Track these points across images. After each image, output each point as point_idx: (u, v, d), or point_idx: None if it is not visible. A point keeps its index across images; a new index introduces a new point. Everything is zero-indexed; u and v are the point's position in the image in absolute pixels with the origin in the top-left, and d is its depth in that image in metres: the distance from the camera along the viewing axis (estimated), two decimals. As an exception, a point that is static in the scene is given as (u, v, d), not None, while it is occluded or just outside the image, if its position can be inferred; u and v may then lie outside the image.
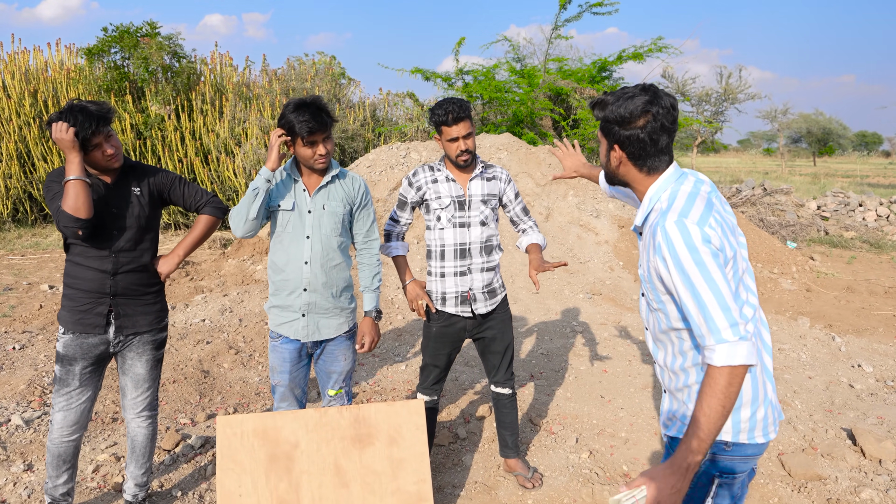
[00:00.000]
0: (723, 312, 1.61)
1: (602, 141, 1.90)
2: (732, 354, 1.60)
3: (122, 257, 2.69)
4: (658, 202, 1.82)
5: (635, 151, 1.81)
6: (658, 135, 1.79)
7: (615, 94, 1.84)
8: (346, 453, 2.82)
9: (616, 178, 1.93)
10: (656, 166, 1.84)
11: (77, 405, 2.73)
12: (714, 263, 1.64)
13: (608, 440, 3.84)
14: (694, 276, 1.64)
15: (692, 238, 1.65)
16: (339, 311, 2.87)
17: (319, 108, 2.68)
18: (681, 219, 1.68)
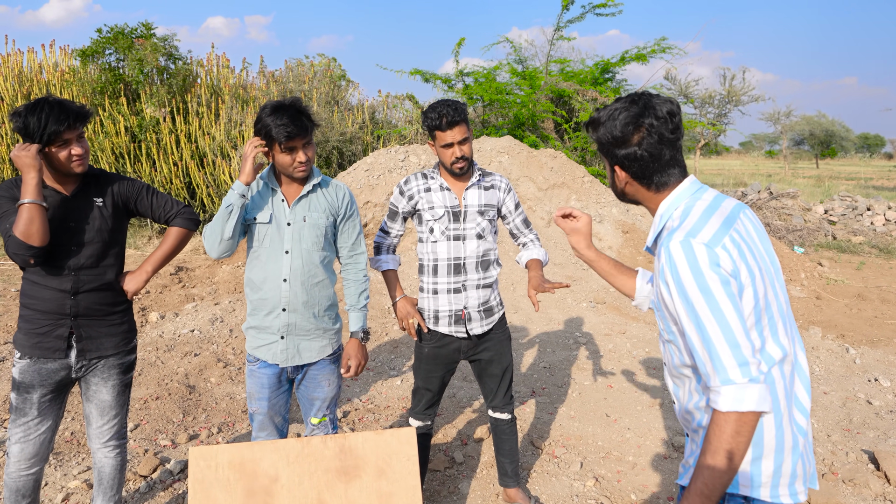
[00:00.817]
0: (730, 349, 1.40)
1: (606, 164, 1.70)
2: (740, 399, 1.39)
3: (82, 275, 2.46)
4: (670, 220, 1.60)
5: (637, 170, 1.62)
6: (657, 149, 1.59)
7: (607, 111, 1.64)
8: (331, 487, 2.58)
9: (626, 198, 1.73)
10: (664, 181, 1.63)
11: (35, 436, 2.50)
12: (723, 291, 1.41)
13: (615, 464, 3.60)
14: (699, 304, 1.42)
15: (697, 260, 1.43)
16: (322, 333, 2.62)
17: (299, 110, 2.45)
18: (687, 238, 1.47)
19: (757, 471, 1.54)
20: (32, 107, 2.31)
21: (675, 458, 3.68)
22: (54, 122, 2.29)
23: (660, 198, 1.64)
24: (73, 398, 4.38)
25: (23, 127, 2.30)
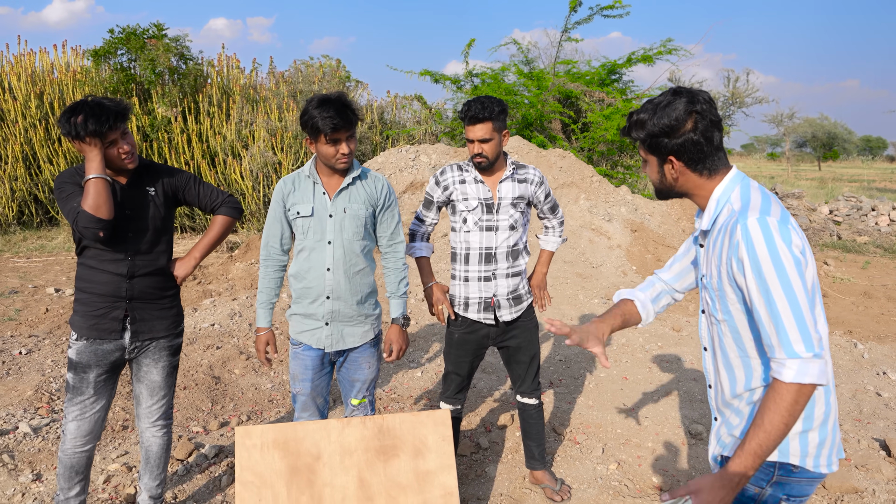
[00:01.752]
0: (797, 324, 1.50)
1: (650, 159, 1.78)
2: (803, 372, 1.50)
3: (138, 260, 2.58)
4: (728, 203, 1.70)
5: (693, 156, 1.69)
6: (710, 131, 1.69)
7: (647, 109, 1.73)
8: (371, 465, 2.70)
9: (673, 192, 1.80)
10: (716, 166, 1.72)
11: (91, 414, 2.62)
12: (794, 269, 1.52)
13: (634, 450, 3.71)
14: (771, 280, 1.52)
15: (774, 239, 1.53)
16: (364, 319, 2.75)
17: (344, 104, 2.57)
18: (763, 216, 1.57)
19: (805, 441, 1.65)
20: (73, 109, 2.42)
21: (692, 444, 3.80)
22: (95, 123, 2.38)
23: (712, 184, 1.73)
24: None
25: (67, 131, 2.41)
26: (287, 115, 12.26)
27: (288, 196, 2.66)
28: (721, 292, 1.69)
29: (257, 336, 2.74)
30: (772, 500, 1.67)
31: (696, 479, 1.58)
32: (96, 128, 2.38)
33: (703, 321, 1.87)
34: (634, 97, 13.19)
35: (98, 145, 2.41)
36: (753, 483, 1.68)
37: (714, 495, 1.53)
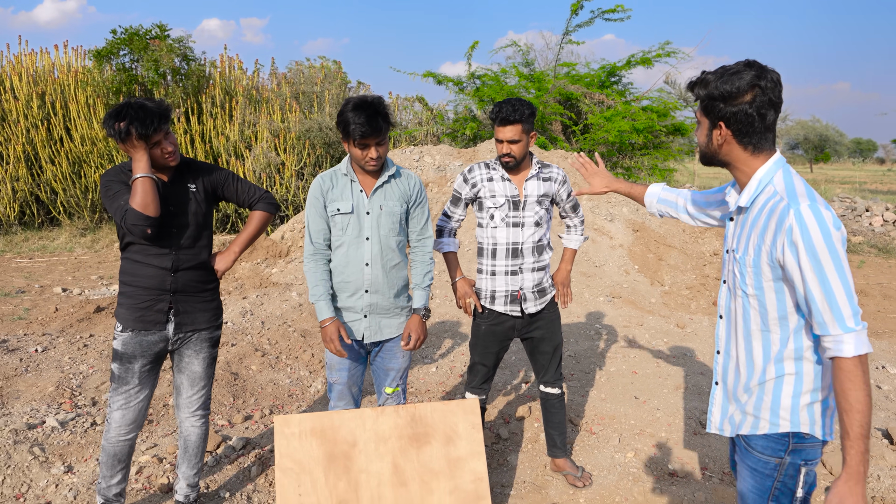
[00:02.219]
0: (848, 301, 1.64)
1: (702, 121, 1.86)
2: (860, 342, 1.64)
3: (182, 254, 2.68)
4: (770, 184, 1.78)
5: (742, 128, 1.77)
6: (766, 109, 1.76)
7: (717, 72, 1.80)
8: (404, 452, 2.81)
9: (716, 159, 1.88)
10: (762, 145, 1.80)
11: (136, 403, 2.72)
12: (842, 251, 1.65)
13: (649, 440, 3.83)
14: (826, 262, 1.64)
15: (827, 224, 1.65)
16: (400, 311, 2.86)
17: (377, 111, 2.62)
18: (814, 203, 1.68)
19: (812, 411, 1.79)
20: (117, 113, 2.51)
21: (704, 434, 3.92)
22: (140, 127, 2.48)
23: (755, 161, 1.81)
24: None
25: (113, 134, 2.51)
26: (290, 115, 12.35)
27: (327, 192, 2.76)
28: (756, 269, 1.80)
29: (324, 328, 2.74)
30: (791, 468, 1.82)
31: (833, 490, 1.66)
32: (142, 132, 2.48)
33: (725, 291, 1.98)
34: (633, 99, 13.35)
35: (144, 147, 2.51)
36: (772, 455, 1.83)
37: (854, 495, 1.63)
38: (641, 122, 11.87)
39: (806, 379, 1.79)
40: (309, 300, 2.82)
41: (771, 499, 1.84)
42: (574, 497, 3.23)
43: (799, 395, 1.79)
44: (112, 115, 2.52)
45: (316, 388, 4.75)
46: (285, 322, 6.24)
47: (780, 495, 1.83)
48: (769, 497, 1.84)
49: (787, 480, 1.83)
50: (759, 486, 1.86)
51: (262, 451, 3.70)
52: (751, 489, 1.88)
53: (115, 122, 2.49)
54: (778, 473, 1.83)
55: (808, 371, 1.79)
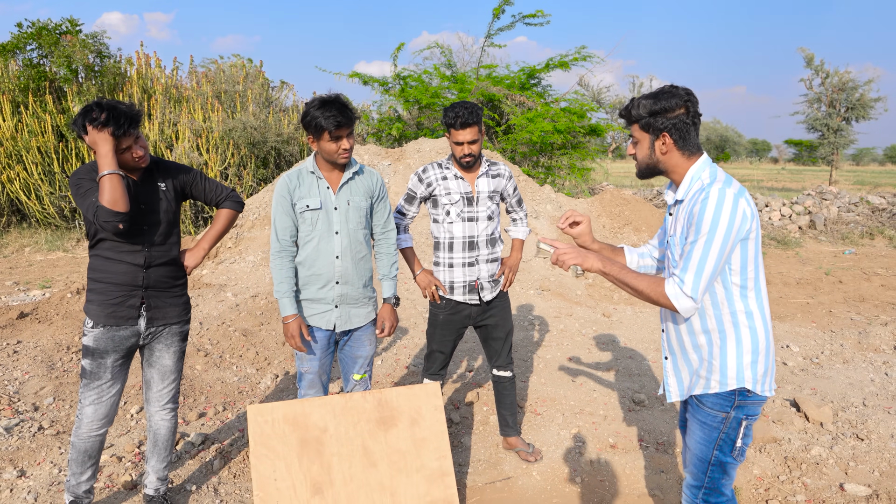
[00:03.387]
0: (696, 272, 1.99)
1: (642, 138, 2.17)
2: (677, 298, 2.01)
3: (154, 251, 2.74)
4: (699, 179, 2.11)
5: (681, 135, 2.09)
6: (696, 118, 2.12)
7: (648, 96, 2.14)
8: (373, 435, 2.97)
9: (657, 168, 2.19)
10: (694, 149, 2.14)
11: (108, 398, 2.76)
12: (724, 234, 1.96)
13: (589, 418, 4.15)
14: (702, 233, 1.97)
15: (724, 203, 1.96)
16: (367, 301, 3.02)
17: (344, 104, 2.81)
18: (724, 186, 2.00)
19: (755, 370, 2.12)
20: (88, 111, 2.54)
21: (637, 410, 4.28)
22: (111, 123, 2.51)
23: (689, 164, 2.13)
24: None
25: (80, 126, 2.54)
26: (212, 115, 12.13)
27: (294, 191, 2.88)
28: (681, 248, 2.11)
29: (287, 324, 2.86)
30: (735, 421, 2.15)
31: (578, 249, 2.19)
32: (113, 128, 2.52)
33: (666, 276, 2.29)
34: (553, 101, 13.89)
35: (110, 142, 2.54)
36: (720, 409, 2.14)
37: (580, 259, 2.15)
38: (562, 123, 12.40)
39: (744, 341, 2.11)
40: (274, 295, 2.93)
41: (715, 448, 2.16)
42: (527, 471, 3.50)
43: (741, 356, 2.11)
44: (83, 113, 2.54)
45: (265, 385, 4.81)
46: (224, 322, 6.22)
47: (724, 445, 2.16)
48: (714, 447, 2.16)
49: (730, 432, 2.15)
50: (706, 438, 2.18)
51: (222, 445, 3.76)
52: (699, 441, 2.19)
53: (84, 119, 2.52)
54: (723, 426, 2.14)
55: (745, 334, 2.11)
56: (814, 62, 26.05)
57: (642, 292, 2.07)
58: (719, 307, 2.11)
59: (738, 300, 2.09)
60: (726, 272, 2.07)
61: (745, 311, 2.10)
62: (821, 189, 14.78)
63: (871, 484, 3.43)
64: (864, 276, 9.57)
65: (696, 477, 2.24)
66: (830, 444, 3.86)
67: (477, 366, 5.17)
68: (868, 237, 12.90)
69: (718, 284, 2.09)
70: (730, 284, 2.08)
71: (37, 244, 10.83)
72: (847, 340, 6.12)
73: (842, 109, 26.60)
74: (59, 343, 5.34)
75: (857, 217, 13.58)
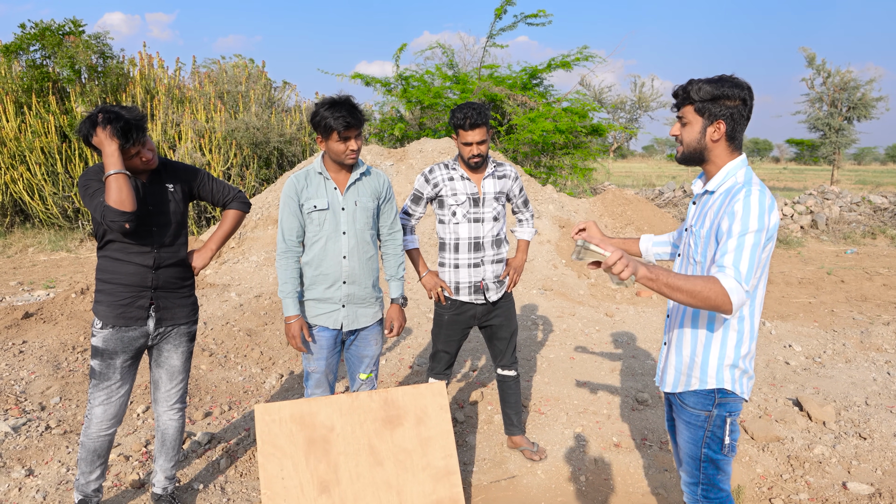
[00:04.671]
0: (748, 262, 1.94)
1: (695, 120, 2.12)
2: (735, 291, 1.92)
3: (163, 252, 2.77)
4: (734, 176, 2.11)
5: (735, 126, 2.08)
6: (750, 115, 2.11)
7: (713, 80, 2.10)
8: (379, 434, 3.00)
9: (703, 155, 2.15)
10: (739, 144, 2.14)
11: (117, 398, 2.78)
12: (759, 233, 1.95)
13: (592, 417, 4.17)
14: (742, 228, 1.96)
15: (763, 206, 1.97)
16: (374, 301, 3.05)
17: (353, 105, 2.84)
18: (763, 191, 2.02)
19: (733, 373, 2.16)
20: (92, 121, 2.55)
21: (641, 409, 4.30)
22: (120, 137, 2.53)
23: (730, 158, 2.12)
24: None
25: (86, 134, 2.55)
26: (215, 115, 12.15)
27: (302, 191, 2.91)
28: (707, 240, 2.12)
29: (289, 325, 2.90)
30: (719, 419, 2.19)
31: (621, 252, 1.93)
32: (121, 135, 2.53)
33: (679, 261, 2.33)
34: (555, 101, 13.91)
35: (116, 142, 2.55)
36: (702, 408, 2.19)
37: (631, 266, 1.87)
38: (564, 123, 12.41)
39: (729, 343, 2.14)
40: (278, 295, 2.96)
41: (704, 446, 2.20)
42: (532, 469, 3.52)
43: (722, 358, 2.15)
44: (88, 121, 2.56)
45: (270, 384, 4.83)
46: (228, 322, 6.25)
47: (711, 442, 2.19)
48: (702, 445, 2.20)
49: (715, 430, 2.19)
50: (693, 437, 2.22)
51: (229, 444, 3.79)
52: (687, 440, 2.24)
53: (88, 129, 2.54)
54: (708, 424, 2.18)
55: (731, 337, 2.14)
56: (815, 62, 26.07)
57: (699, 294, 1.90)
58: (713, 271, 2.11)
59: None
60: None
61: (738, 315, 2.13)
62: (823, 188, 14.79)
63: (873, 483, 3.45)
64: (866, 276, 9.58)
65: (691, 474, 2.28)
66: (833, 443, 3.88)
67: (481, 365, 5.20)
68: (870, 237, 12.92)
69: None
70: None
71: (40, 244, 10.86)
72: (849, 340, 6.14)
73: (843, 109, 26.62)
74: (64, 343, 5.37)
75: (859, 216, 13.59)
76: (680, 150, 2.21)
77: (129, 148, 2.59)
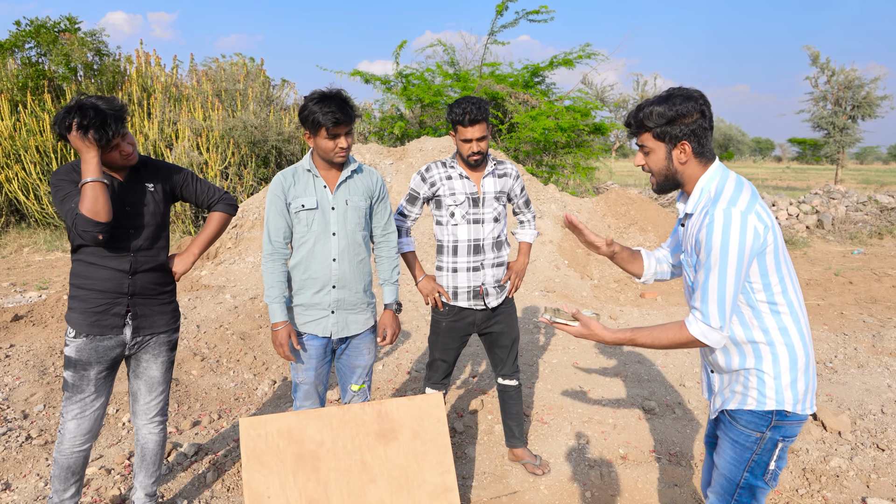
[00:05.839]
0: (718, 303, 1.85)
1: (656, 147, 1.99)
2: (705, 335, 1.89)
3: (140, 256, 2.59)
4: (707, 191, 1.96)
5: (700, 142, 1.95)
6: (712, 123, 1.97)
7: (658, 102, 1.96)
8: (372, 449, 2.82)
9: (676, 179, 2.03)
10: (710, 156, 1.99)
11: (91, 412, 2.61)
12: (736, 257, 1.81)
13: (598, 426, 4.00)
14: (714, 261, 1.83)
15: (730, 227, 1.82)
16: (366, 306, 2.87)
17: (344, 100, 2.66)
18: (729, 207, 1.85)
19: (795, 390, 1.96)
20: (68, 113, 2.37)
21: (647, 419, 4.12)
22: (98, 133, 2.36)
23: (702, 171, 1.98)
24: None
25: (64, 130, 2.37)
26: (212, 114, 11.99)
27: (289, 189, 2.73)
28: (694, 274, 1.98)
29: (275, 332, 2.73)
30: (770, 442, 1.98)
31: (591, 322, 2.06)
32: (99, 138, 2.36)
33: (687, 290, 2.14)
34: (557, 99, 13.72)
35: (96, 146, 2.39)
36: (755, 429, 1.98)
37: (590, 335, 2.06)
38: (566, 121, 12.23)
39: (782, 360, 1.94)
40: (264, 300, 2.78)
41: (746, 470, 2.00)
42: (534, 485, 3.34)
43: (780, 374, 1.94)
44: (63, 114, 2.39)
45: (263, 391, 4.66)
46: (222, 325, 6.08)
47: (755, 467, 2.00)
48: (745, 468, 2.00)
49: (763, 454, 1.99)
50: (737, 458, 2.02)
51: (216, 456, 3.62)
52: (729, 460, 2.04)
53: (66, 120, 2.37)
54: (757, 447, 1.98)
55: (782, 352, 1.94)
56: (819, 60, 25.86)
57: (670, 345, 1.95)
58: (749, 327, 1.96)
59: (768, 317, 1.94)
60: (749, 291, 1.92)
61: (778, 328, 1.94)
62: (828, 188, 14.59)
63: (894, 498, 3.27)
64: (875, 277, 9.39)
65: (721, 498, 2.08)
66: (850, 455, 3.70)
67: (481, 371, 5.02)
68: (877, 237, 12.72)
69: (743, 304, 1.94)
70: (755, 303, 1.93)
71: (35, 244, 10.70)
72: (861, 344, 5.96)
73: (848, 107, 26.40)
74: (52, 347, 5.20)
75: (866, 216, 13.39)
76: (653, 180, 2.09)
77: (110, 141, 2.42)
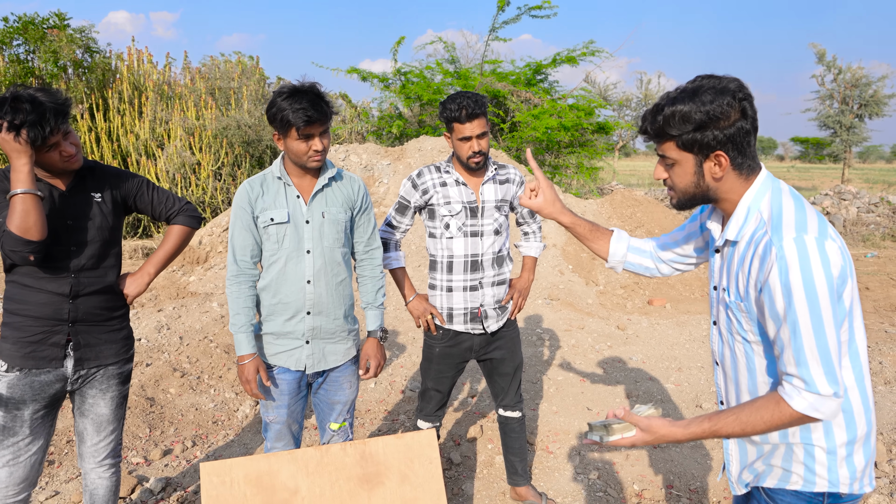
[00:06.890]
0: (822, 362, 1.39)
1: (683, 158, 1.53)
2: (816, 407, 1.41)
3: (83, 277, 2.23)
4: (758, 211, 1.51)
5: (741, 150, 1.49)
6: (756, 123, 1.50)
7: (682, 99, 1.48)
8: (354, 496, 2.46)
9: (709, 196, 1.57)
10: (753, 165, 1.53)
11: (26, 458, 2.24)
12: (828, 300, 1.38)
13: (609, 456, 3.63)
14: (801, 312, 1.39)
15: (810, 263, 1.38)
16: (347, 335, 2.49)
17: (318, 95, 2.28)
18: (800, 234, 1.40)
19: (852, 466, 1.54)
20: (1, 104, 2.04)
21: (665, 448, 3.75)
22: (33, 129, 2.01)
23: (745, 187, 1.54)
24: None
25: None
26: (205, 112, 11.63)
27: (256, 200, 2.36)
28: (751, 314, 1.53)
29: (242, 365, 2.36)
30: None
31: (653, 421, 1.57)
32: (34, 135, 2.01)
33: (717, 335, 1.70)
34: (560, 97, 13.36)
35: (29, 152, 2.03)
36: None
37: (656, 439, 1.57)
38: (569, 120, 11.86)
39: (836, 429, 1.52)
40: (229, 328, 2.39)
41: None
42: (540, 529, 2.98)
43: (834, 448, 1.52)
44: None
45: (244, 413, 4.30)
46: (206, 336, 5.72)
47: None
48: None
49: None
50: None
51: (186, 492, 3.26)
52: None
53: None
54: None
55: (838, 420, 1.52)
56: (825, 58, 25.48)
57: (767, 429, 1.46)
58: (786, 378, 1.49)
59: None
60: None
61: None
62: (839, 188, 14.21)
63: (945, 545, 2.91)
64: (893, 283, 9.01)
65: None
66: (889, 491, 3.34)
67: (481, 389, 4.65)
68: (890, 239, 12.33)
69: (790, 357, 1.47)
70: None
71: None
72: (886, 357, 5.58)
73: (854, 106, 26.02)
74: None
75: (878, 218, 13.01)
76: (673, 196, 1.62)
77: (48, 137, 2.05)
